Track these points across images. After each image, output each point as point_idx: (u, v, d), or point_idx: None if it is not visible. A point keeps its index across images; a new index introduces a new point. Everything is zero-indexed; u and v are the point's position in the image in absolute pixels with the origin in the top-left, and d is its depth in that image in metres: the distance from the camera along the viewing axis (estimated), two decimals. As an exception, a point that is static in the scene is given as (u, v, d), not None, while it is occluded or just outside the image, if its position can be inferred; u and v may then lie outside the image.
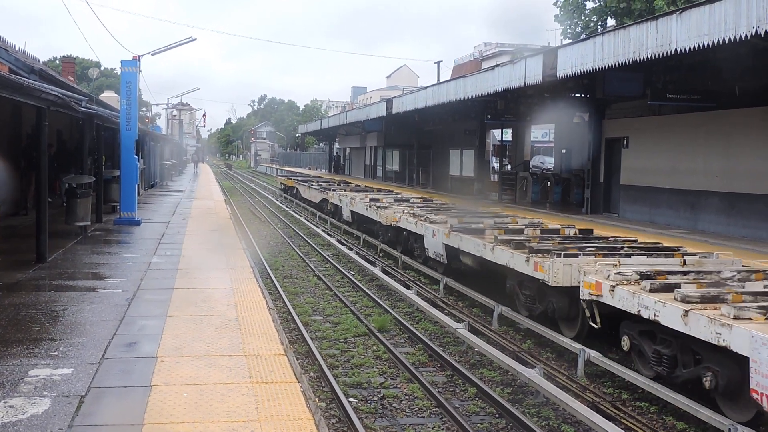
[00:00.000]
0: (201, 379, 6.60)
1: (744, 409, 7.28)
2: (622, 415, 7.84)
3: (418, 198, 23.51)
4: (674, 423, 7.79)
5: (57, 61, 73.98)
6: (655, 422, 7.82)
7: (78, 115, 15.86)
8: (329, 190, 29.28)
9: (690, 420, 7.69)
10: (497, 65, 20.77)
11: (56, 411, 5.69)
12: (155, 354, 7.29)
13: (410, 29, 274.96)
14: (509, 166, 32.49)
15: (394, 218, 17.88)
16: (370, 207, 20.71)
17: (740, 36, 10.81)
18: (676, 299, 7.77)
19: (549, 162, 34.53)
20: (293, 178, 44.00)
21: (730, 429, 6.75)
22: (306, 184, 35.67)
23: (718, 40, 11.32)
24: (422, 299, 12.90)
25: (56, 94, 12.28)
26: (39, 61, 24.96)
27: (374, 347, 10.46)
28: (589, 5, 33.63)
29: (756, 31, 10.51)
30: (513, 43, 58.80)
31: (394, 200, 22.28)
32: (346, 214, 24.09)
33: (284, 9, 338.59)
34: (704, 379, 7.48)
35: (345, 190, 28.28)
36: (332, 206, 27.54)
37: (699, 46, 11.78)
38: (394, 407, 8.12)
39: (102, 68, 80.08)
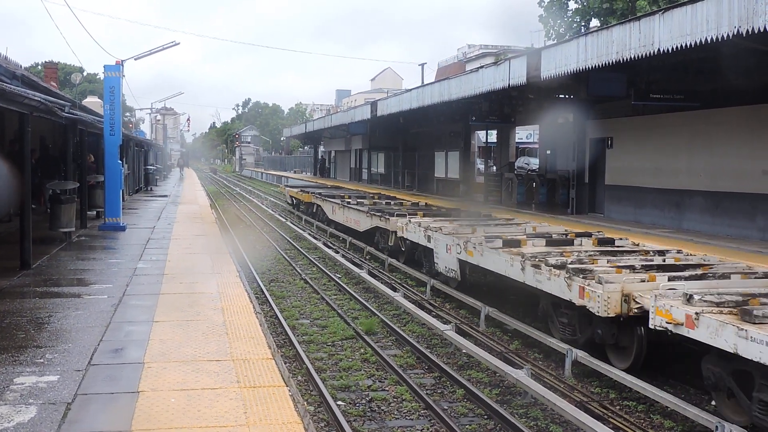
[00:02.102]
0: (188, 384, 6.55)
1: None
2: (609, 414, 7.87)
3: (581, 238, 13.10)
4: (662, 421, 7.84)
5: (39, 67, 73.27)
6: (642, 421, 7.86)
7: (61, 121, 15.73)
8: (390, 214, 18.20)
9: (677, 418, 7.74)
10: (481, 67, 20.80)
11: (43, 419, 5.63)
12: (142, 360, 7.24)
13: (394, 32, 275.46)
14: (494, 168, 32.61)
15: (669, 317, 7.68)
16: (534, 267, 10.30)
17: (722, 35, 10.89)
18: None
19: (534, 163, 34.61)
20: (309, 190, 31.58)
21: (717, 427, 6.78)
22: (336, 201, 24.51)
23: (701, 40, 11.40)
24: (409, 301, 12.91)
25: (39, 99, 12.15)
26: (21, 66, 24.72)
27: (362, 350, 10.46)
28: (573, 6, 33.85)
29: (738, 30, 10.58)
30: (497, 44, 59.07)
31: (547, 242, 12.52)
32: (448, 265, 13.84)
33: (268, 12, 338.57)
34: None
35: (417, 214, 17.89)
36: (398, 241, 17.24)
37: (682, 46, 11.85)
38: (383, 410, 8.12)
39: (85, 73, 79.69)
